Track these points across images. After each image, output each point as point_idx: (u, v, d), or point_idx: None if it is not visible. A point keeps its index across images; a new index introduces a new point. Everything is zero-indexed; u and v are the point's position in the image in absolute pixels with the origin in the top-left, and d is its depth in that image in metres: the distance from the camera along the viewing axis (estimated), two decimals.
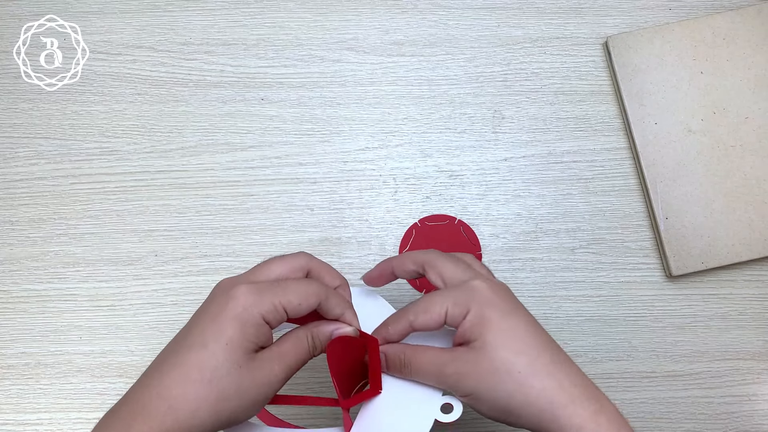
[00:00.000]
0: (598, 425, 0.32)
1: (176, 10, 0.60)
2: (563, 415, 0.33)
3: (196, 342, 0.32)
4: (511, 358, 0.34)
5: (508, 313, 0.35)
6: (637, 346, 0.53)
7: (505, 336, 0.34)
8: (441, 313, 0.36)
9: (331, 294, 0.36)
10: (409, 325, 0.37)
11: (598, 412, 0.33)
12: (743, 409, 0.52)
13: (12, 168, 0.56)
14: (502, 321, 0.35)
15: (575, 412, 0.33)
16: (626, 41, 0.57)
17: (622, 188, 0.56)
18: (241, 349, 0.32)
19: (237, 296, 0.33)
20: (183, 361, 0.32)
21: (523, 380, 0.33)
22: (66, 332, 0.53)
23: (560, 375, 0.34)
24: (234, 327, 0.32)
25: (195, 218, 0.55)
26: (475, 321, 0.35)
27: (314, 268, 0.37)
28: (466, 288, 0.36)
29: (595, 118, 0.58)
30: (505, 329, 0.35)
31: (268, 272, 0.36)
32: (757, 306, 0.54)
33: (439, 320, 0.36)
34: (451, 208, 0.56)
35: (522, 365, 0.34)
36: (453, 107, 0.58)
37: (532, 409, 0.33)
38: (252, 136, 0.57)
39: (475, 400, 0.35)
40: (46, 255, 0.55)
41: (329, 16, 0.60)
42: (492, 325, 0.35)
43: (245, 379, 0.32)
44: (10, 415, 0.52)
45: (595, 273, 0.55)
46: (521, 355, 0.34)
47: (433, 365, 0.35)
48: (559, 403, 0.33)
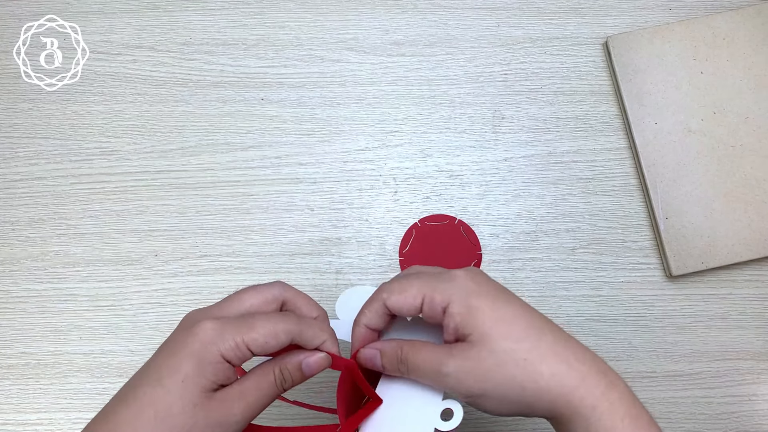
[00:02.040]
0: (611, 403, 0.32)
1: (176, 10, 0.60)
2: (576, 397, 0.32)
3: (153, 378, 0.31)
4: (513, 347, 0.32)
5: (496, 299, 0.34)
6: (637, 346, 0.53)
7: (501, 324, 0.33)
8: (417, 297, 0.34)
9: (306, 326, 0.34)
10: (382, 303, 0.35)
11: (609, 387, 0.32)
12: (743, 409, 0.52)
13: (12, 168, 0.56)
14: (493, 309, 0.33)
15: (588, 392, 0.32)
16: (626, 41, 0.57)
17: (622, 188, 0.56)
18: (197, 387, 0.31)
19: (197, 332, 0.31)
20: (138, 397, 0.31)
21: (531, 368, 0.32)
22: (66, 332, 0.53)
23: (566, 354, 0.33)
24: (191, 364, 0.31)
25: (195, 218, 0.55)
26: (465, 312, 0.33)
27: (289, 298, 0.36)
28: (445, 275, 0.35)
29: (595, 118, 0.58)
30: (500, 317, 0.33)
31: (239, 305, 0.34)
32: (757, 306, 0.54)
33: (414, 304, 0.34)
34: (451, 208, 0.56)
35: (525, 352, 0.32)
36: (453, 107, 0.58)
37: (545, 396, 0.32)
38: (252, 136, 0.57)
39: (483, 399, 0.33)
40: (46, 255, 0.55)
41: (329, 16, 0.60)
42: (484, 314, 0.33)
43: (200, 419, 0.31)
44: (10, 415, 0.52)
45: (595, 273, 0.55)
46: (522, 341, 0.32)
47: (430, 363, 0.33)
48: (570, 385, 0.32)
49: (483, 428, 0.52)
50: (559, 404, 0.32)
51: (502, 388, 0.32)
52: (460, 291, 0.34)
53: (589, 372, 0.32)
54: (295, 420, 0.52)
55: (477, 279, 0.35)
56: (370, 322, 0.36)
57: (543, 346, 0.33)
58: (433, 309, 0.34)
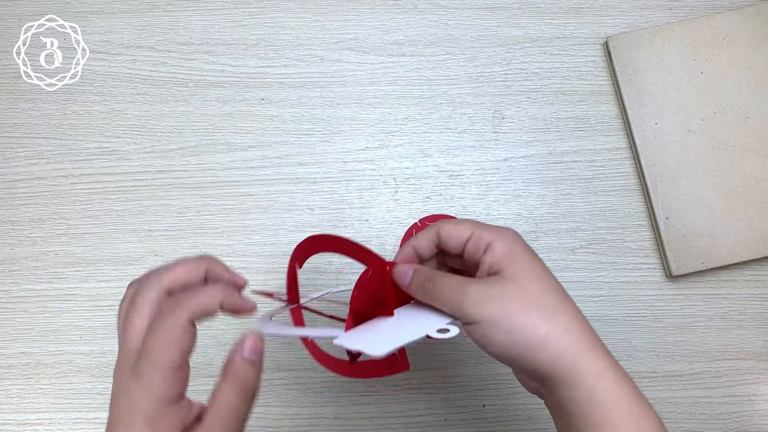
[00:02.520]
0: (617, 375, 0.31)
1: (176, 10, 0.60)
2: (585, 358, 0.31)
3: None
4: (539, 293, 0.33)
5: (534, 257, 0.35)
6: (637, 346, 0.53)
7: (533, 272, 0.34)
8: (467, 231, 0.36)
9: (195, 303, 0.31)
10: (435, 232, 0.37)
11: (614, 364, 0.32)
12: (743, 409, 0.52)
13: (12, 168, 0.56)
14: (529, 259, 0.34)
15: (597, 358, 0.32)
16: (626, 41, 0.57)
17: (622, 188, 0.56)
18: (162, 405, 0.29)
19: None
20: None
21: (551, 315, 0.32)
22: (66, 332, 0.53)
23: (581, 321, 0.33)
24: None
25: (195, 218, 0.55)
26: (506, 252, 0.34)
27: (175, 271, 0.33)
28: (495, 227, 0.36)
29: (595, 118, 0.58)
30: (534, 267, 0.34)
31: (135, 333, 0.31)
32: (757, 306, 0.54)
33: (462, 237, 0.36)
34: (451, 208, 0.56)
35: (551, 300, 0.33)
36: (453, 107, 0.58)
37: (554, 347, 0.31)
38: (252, 136, 0.57)
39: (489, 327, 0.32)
40: (46, 255, 0.55)
41: (329, 16, 0.60)
42: (522, 260, 0.34)
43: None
44: (10, 415, 0.52)
45: (595, 273, 0.55)
46: (549, 292, 0.33)
47: (456, 283, 0.34)
48: (583, 346, 0.32)
49: (483, 428, 0.52)
50: (564, 362, 0.31)
51: (515, 320, 0.32)
52: (506, 237, 0.35)
53: (601, 345, 0.33)
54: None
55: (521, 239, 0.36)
56: (419, 245, 0.38)
57: (565, 305, 0.33)
58: (477, 245, 0.35)
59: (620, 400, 0.31)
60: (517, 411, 0.52)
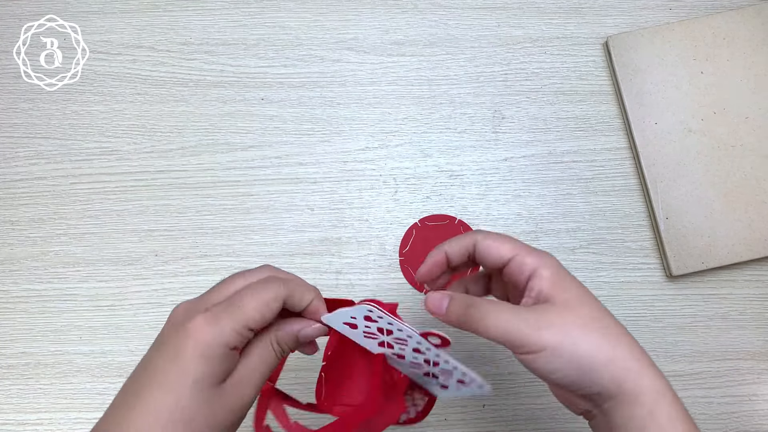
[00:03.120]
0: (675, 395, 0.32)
1: (176, 10, 0.60)
2: (649, 375, 0.32)
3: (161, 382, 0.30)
4: (596, 316, 0.33)
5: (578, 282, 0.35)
6: None
7: (583, 297, 0.34)
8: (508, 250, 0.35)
9: (294, 286, 0.34)
10: (473, 241, 0.36)
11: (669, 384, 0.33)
12: (743, 409, 0.52)
13: (12, 168, 0.56)
14: (576, 286, 0.34)
15: (657, 376, 0.32)
16: (626, 41, 0.57)
17: (622, 188, 0.56)
18: (209, 385, 0.31)
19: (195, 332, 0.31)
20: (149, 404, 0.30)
21: (610, 336, 0.32)
22: (66, 332, 0.53)
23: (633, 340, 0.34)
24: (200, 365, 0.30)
25: (195, 218, 0.55)
26: (553, 279, 0.34)
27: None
28: (537, 251, 0.35)
29: (595, 118, 0.58)
30: (582, 293, 0.34)
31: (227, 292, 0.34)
32: (757, 306, 0.54)
33: (504, 256, 0.35)
34: (452, 208, 0.56)
35: (606, 323, 0.33)
36: (453, 107, 0.58)
37: (618, 365, 0.32)
38: (252, 136, 0.57)
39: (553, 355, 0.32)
40: (46, 255, 0.55)
41: (329, 16, 0.60)
42: (572, 285, 0.34)
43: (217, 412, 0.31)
44: (10, 415, 0.52)
45: (595, 273, 0.55)
46: (602, 318, 0.33)
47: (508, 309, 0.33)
48: (643, 363, 0.32)
49: (483, 428, 0.52)
50: (629, 378, 0.32)
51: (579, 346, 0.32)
52: (551, 261, 0.35)
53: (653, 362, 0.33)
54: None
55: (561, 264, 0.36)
56: (452, 251, 0.37)
57: (619, 327, 0.34)
58: (521, 269, 0.35)
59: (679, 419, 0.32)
60: (517, 411, 0.52)
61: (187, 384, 0.30)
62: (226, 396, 0.32)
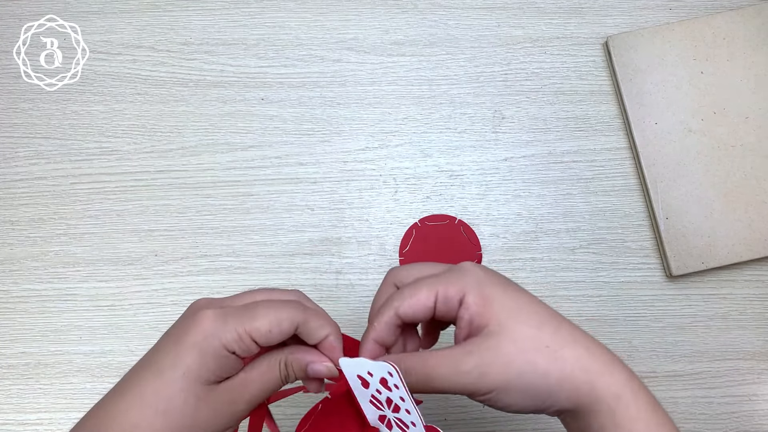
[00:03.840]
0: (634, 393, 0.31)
1: (176, 10, 0.60)
2: (601, 384, 0.30)
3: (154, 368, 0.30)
4: (535, 333, 0.31)
5: (507, 288, 0.32)
6: (637, 346, 0.53)
7: (518, 312, 0.31)
8: (430, 296, 0.32)
9: (312, 316, 0.32)
10: (394, 313, 0.32)
11: (631, 376, 0.31)
12: (743, 409, 0.52)
13: (12, 168, 0.56)
14: (508, 298, 0.32)
15: (613, 379, 0.31)
16: (626, 41, 0.57)
17: (622, 188, 0.56)
18: (199, 380, 0.30)
19: (200, 322, 0.30)
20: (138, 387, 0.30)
21: (554, 354, 0.30)
22: (66, 332, 0.53)
23: (585, 341, 0.31)
24: (193, 356, 0.30)
25: (195, 218, 0.55)
26: (480, 303, 0.31)
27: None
28: (455, 269, 0.33)
29: (595, 118, 0.58)
30: (516, 306, 0.31)
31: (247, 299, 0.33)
32: (757, 306, 0.54)
33: (428, 304, 0.32)
34: (451, 208, 0.56)
35: (548, 338, 0.31)
36: (453, 107, 0.58)
37: (568, 384, 0.30)
38: (252, 136, 0.57)
39: (505, 393, 0.30)
40: (46, 255, 0.55)
41: (329, 16, 0.60)
42: (501, 303, 0.31)
43: (202, 413, 0.30)
44: (10, 415, 0.52)
45: (595, 273, 0.55)
46: (543, 327, 0.31)
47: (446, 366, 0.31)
48: (595, 370, 0.31)
49: (483, 428, 0.52)
50: (583, 392, 0.30)
51: (526, 377, 0.30)
52: (472, 281, 0.32)
53: (610, 361, 0.31)
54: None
55: (485, 269, 0.33)
56: (381, 337, 0.33)
57: (563, 332, 0.31)
58: (448, 304, 0.32)
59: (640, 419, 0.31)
60: None
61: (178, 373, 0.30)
62: (215, 397, 0.31)
